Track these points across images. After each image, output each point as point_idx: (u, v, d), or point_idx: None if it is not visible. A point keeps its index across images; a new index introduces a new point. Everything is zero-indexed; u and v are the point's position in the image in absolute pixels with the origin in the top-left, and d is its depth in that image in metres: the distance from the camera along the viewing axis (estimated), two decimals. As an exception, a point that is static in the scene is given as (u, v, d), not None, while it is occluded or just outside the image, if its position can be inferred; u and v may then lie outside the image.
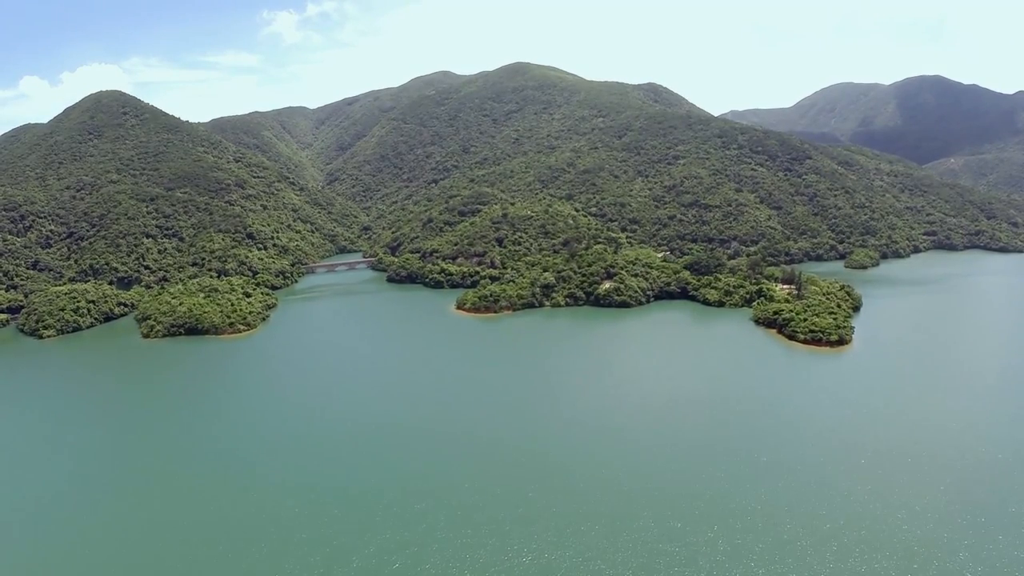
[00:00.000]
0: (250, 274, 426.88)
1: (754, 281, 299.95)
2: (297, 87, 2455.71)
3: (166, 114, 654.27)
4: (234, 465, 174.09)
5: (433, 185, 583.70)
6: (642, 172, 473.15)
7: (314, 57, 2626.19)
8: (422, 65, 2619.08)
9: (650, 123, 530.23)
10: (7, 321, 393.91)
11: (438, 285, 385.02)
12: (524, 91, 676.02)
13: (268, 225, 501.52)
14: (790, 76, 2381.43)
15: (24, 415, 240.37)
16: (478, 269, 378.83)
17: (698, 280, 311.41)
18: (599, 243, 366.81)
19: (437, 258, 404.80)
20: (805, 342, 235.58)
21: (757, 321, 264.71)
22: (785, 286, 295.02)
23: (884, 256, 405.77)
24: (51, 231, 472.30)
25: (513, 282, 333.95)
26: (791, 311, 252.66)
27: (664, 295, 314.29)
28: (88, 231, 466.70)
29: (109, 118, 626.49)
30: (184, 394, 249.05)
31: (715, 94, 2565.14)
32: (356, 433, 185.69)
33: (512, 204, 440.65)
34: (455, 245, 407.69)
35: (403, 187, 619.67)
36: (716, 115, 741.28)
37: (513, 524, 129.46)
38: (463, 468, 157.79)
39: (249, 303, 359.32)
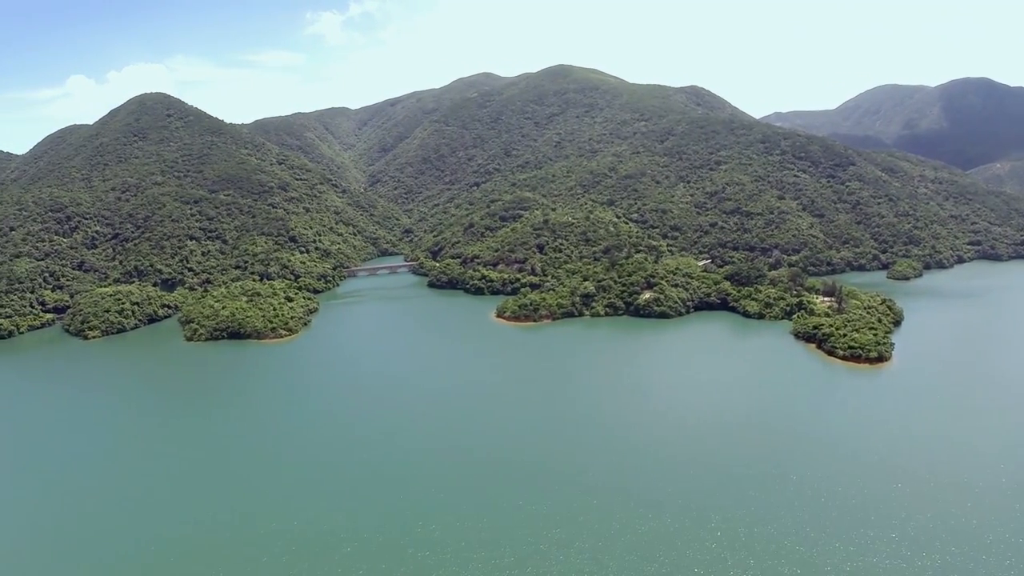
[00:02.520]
0: (292, 277, 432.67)
1: (794, 293, 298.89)
2: (339, 87, 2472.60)
3: (210, 116, 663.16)
4: (267, 474, 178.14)
5: (475, 188, 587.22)
6: (684, 178, 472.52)
7: (356, 57, 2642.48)
8: (464, 66, 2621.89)
9: (692, 127, 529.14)
10: (53, 321, 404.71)
11: (479, 291, 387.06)
12: (566, 94, 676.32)
13: (310, 228, 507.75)
14: (834, 77, 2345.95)
15: (65, 413, 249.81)
16: (519, 276, 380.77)
17: (738, 291, 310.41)
18: (640, 251, 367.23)
19: (478, 264, 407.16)
20: (844, 358, 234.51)
21: (796, 335, 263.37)
22: (826, 298, 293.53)
23: (927, 266, 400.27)
24: (97, 232, 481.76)
25: (553, 290, 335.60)
26: (831, 325, 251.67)
27: (704, 306, 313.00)
28: (133, 232, 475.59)
29: (154, 120, 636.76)
30: (224, 399, 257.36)
31: (758, 96, 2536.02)
32: (393, 447, 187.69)
33: (553, 210, 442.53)
34: (496, 251, 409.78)
35: (445, 189, 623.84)
36: (759, 117, 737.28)
37: (551, 545, 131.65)
38: (499, 485, 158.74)
39: (291, 307, 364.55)
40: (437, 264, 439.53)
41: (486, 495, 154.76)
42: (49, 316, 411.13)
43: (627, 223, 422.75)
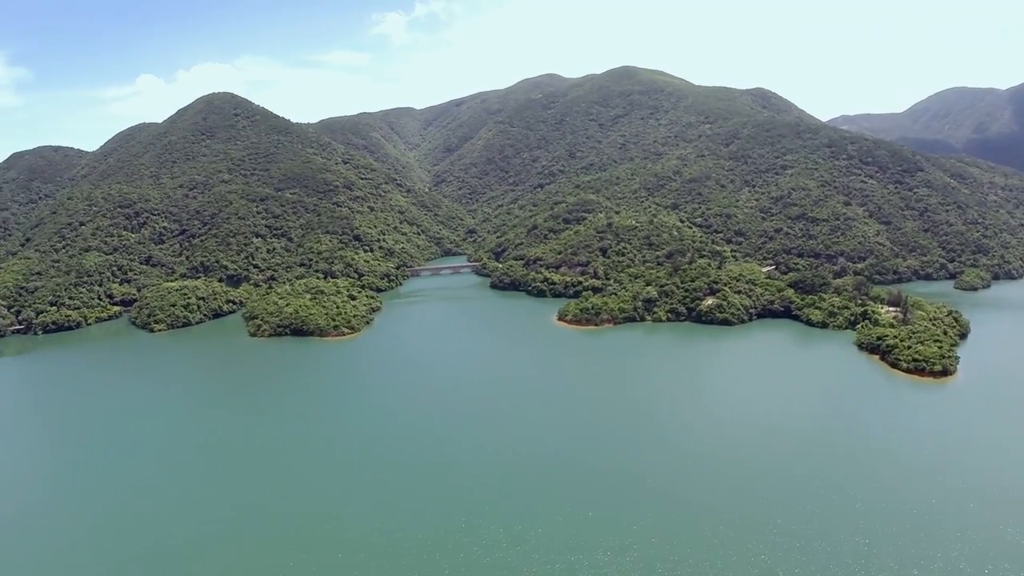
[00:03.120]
0: (356, 276, 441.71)
1: (859, 303, 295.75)
2: (404, 87, 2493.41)
3: (276, 115, 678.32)
4: (322, 470, 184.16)
5: (539, 190, 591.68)
6: (749, 182, 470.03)
7: (421, 57, 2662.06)
8: (529, 67, 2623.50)
9: (758, 131, 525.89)
10: (120, 313, 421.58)
11: (540, 294, 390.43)
12: (631, 95, 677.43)
13: (375, 227, 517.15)
14: (903, 79, 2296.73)
15: (129, 401, 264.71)
16: (581, 279, 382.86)
17: (802, 299, 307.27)
18: (703, 256, 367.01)
19: (540, 266, 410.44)
20: (908, 371, 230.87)
21: (860, 346, 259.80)
22: (891, 309, 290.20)
23: (996, 277, 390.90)
24: (164, 228, 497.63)
25: (615, 295, 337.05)
26: (895, 337, 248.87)
27: (767, 313, 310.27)
28: (200, 229, 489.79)
29: (221, 119, 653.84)
30: (284, 394, 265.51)
31: (825, 98, 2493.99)
32: (451, 447, 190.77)
33: (617, 213, 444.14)
34: (559, 254, 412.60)
35: (509, 190, 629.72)
36: (826, 120, 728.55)
37: (605, 553, 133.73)
38: (555, 489, 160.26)
39: (354, 306, 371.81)
40: (500, 265, 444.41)
41: (542, 499, 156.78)
42: (116, 309, 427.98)
43: (691, 227, 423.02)
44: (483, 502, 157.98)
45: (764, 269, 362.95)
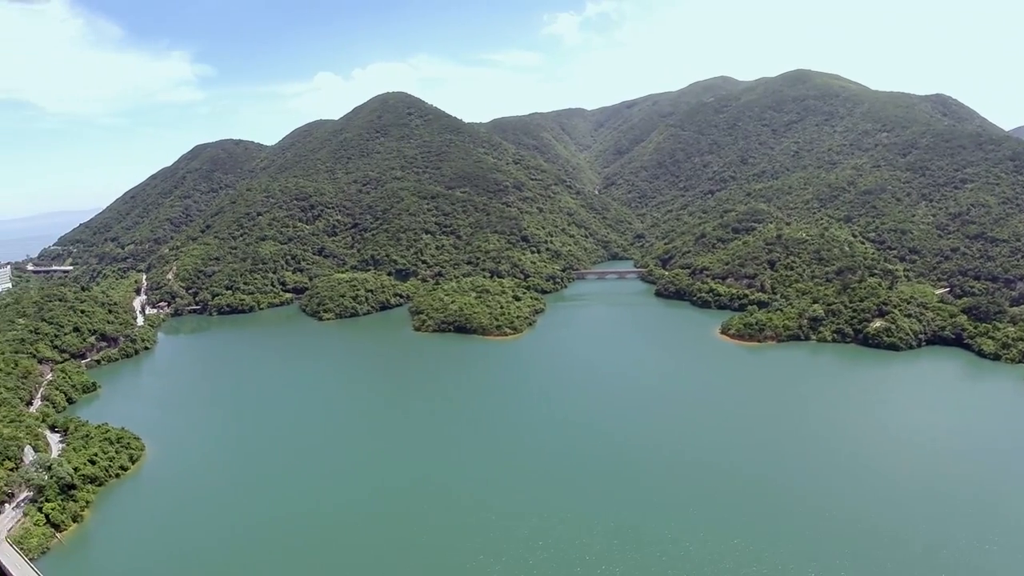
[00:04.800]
0: (522, 277, 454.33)
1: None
2: (575, 87, 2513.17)
3: (449, 115, 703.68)
4: (468, 465, 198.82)
5: (709, 196, 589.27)
6: (926, 196, 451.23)
7: (593, 57, 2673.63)
8: (701, 68, 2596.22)
9: (937, 140, 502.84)
10: (291, 300, 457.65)
11: (705, 305, 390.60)
12: (805, 100, 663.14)
13: (543, 228, 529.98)
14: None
15: (294, 381, 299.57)
16: (747, 292, 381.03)
17: (974, 327, 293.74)
18: (874, 275, 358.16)
19: (707, 276, 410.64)
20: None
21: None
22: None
23: None
24: (337, 221, 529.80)
25: (781, 311, 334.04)
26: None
27: (936, 340, 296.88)
28: (371, 223, 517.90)
29: (395, 118, 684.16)
30: (442, 387, 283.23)
31: (1010, 105, 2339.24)
32: (608, 456, 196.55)
33: (788, 224, 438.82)
34: (726, 264, 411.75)
35: (679, 196, 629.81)
36: (1009, 129, 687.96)
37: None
38: (716, 509, 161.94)
39: (517, 307, 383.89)
40: (666, 273, 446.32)
41: (698, 508, 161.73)
42: (288, 296, 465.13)
43: (863, 243, 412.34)
44: (638, 504, 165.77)
45: (937, 291, 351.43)
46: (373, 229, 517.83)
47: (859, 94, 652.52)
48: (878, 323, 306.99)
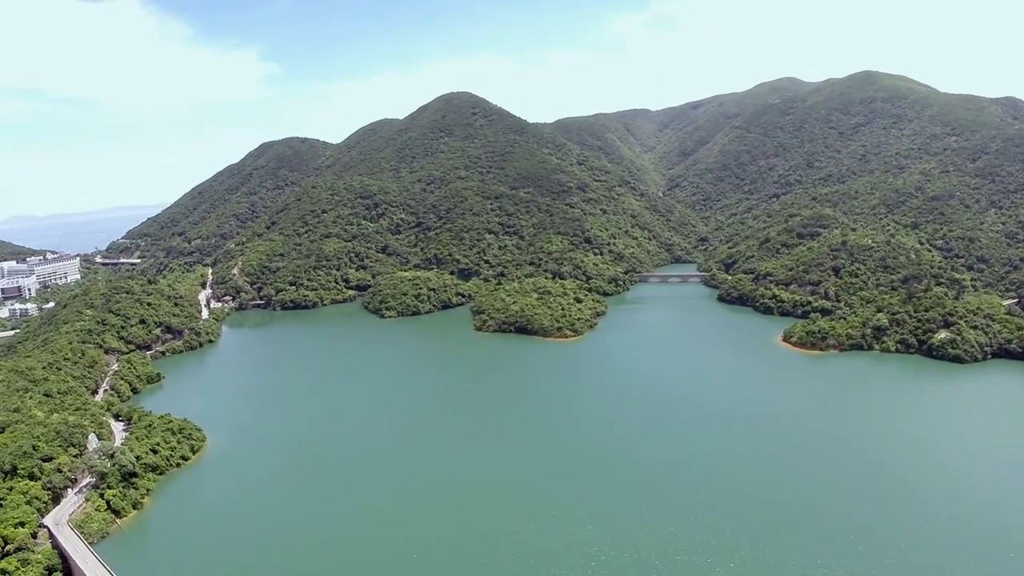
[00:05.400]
0: (584, 279, 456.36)
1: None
2: (640, 88, 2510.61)
3: (513, 115, 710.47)
4: (520, 467, 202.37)
5: (774, 200, 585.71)
6: (996, 203, 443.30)
7: (658, 57, 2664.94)
8: (767, 69, 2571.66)
9: (1007, 145, 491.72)
10: (354, 297, 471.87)
11: (767, 311, 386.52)
12: (872, 103, 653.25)
13: (606, 230, 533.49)
14: None
15: (355, 373, 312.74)
16: (810, 299, 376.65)
17: None
18: (940, 284, 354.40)
19: (770, 282, 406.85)
20: None
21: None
22: None
23: None
24: (401, 220, 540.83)
25: (844, 319, 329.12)
26: None
27: (1003, 353, 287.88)
28: (435, 222, 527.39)
29: (459, 117, 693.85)
30: (500, 387, 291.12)
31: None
32: (662, 465, 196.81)
33: (853, 230, 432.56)
34: (789, 270, 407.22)
35: (743, 199, 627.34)
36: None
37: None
38: (776, 531, 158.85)
39: (579, 309, 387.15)
40: (729, 278, 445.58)
41: (754, 532, 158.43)
42: (351, 292, 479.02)
43: (930, 250, 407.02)
44: (689, 513, 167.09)
45: (1005, 303, 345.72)
46: (436, 228, 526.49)
47: (927, 96, 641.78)
48: (943, 334, 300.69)
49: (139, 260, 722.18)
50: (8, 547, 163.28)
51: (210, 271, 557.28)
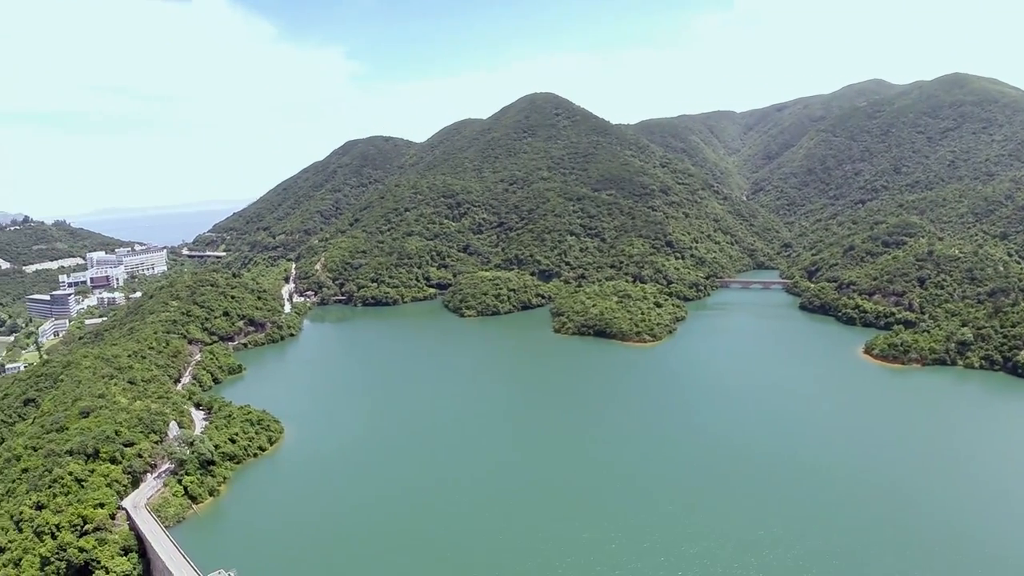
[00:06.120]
0: (664, 283, 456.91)
1: None
2: (724, 88, 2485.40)
3: (596, 116, 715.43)
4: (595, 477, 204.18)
5: (859, 206, 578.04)
6: None
7: (741, 57, 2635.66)
8: (854, 70, 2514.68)
9: None
10: (434, 295, 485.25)
11: (850, 321, 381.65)
12: (962, 106, 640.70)
13: (688, 234, 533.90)
14: None
15: (434, 376, 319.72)
16: (894, 310, 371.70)
17: None
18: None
19: (853, 291, 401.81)
20: None
21: None
22: None
23: None
24: (483, 219, 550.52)
25: (928, 332, 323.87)
26: None
27: None
28: (517, 223, 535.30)
29: (542, 118, 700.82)
30: (578, 391, 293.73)
31: None
32: (738, 472, 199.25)
33: (940, 239, 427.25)
34: (873, 279, 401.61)
35: (828, 204, 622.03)
36: None
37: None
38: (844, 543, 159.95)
39: (658, 313, 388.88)
40: (811, 285, 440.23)
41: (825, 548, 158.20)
42: (432, 291, 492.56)
43: (1019, 262, 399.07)
44: (762, 523, 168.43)
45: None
46: (518, 229, 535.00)
47: (1019, 100, 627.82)
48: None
49: (224, 253, 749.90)
50: (87, 526, 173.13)
51: (293, 266, 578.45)
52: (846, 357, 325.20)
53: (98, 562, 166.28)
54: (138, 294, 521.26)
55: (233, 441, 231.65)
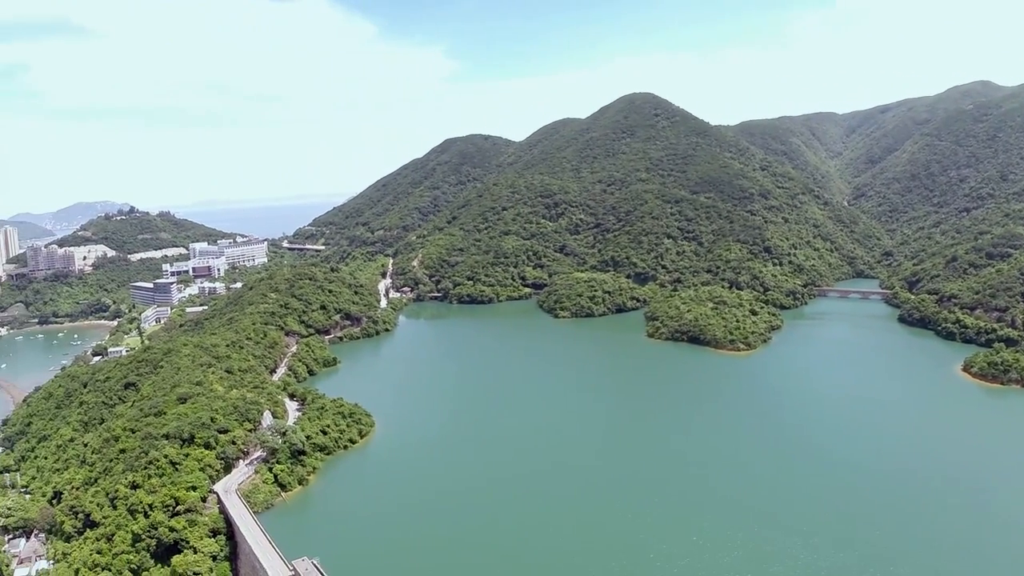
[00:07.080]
0: (761, 290, 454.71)
1: None
2: (825, 89, 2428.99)
3: (695, 117, 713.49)
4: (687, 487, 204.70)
5: (964, 215, 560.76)
6: None
7: (844, 57, 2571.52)
8: (961, 70, 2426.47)
9: None
10: (529, 295, 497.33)
11: (950, 336, 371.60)
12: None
13: (787, 240, 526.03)
14: None
15: (525, 376, 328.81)
16: (996, 326, 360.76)
17: None
18: None
19: (954, 305, 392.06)
20: None
21: None
22: None
23: None
24: (580, 220, 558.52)
25: None
26: None
27: None
28: (614, 224, 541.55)
29: (641, 119, 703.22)
30: (670, 399, 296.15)
31: None
32: (822, 488, 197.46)
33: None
34: (976, 293, 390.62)
35: (932, 212, 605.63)
36: None
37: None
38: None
39: (753, 321, 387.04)
40: (912, 297, 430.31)
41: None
42: (527, 290, 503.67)
43: None
44: (843, 542, 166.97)
45: None
46: (615, 230, 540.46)
47: None
48: None
49: (323, 247, 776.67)
50: (179, 507, 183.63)
51: (391, 261, 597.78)
52: (943, 374, 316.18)
53: (187, 542, 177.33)
54: (238, 285, 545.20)
55: (324, 432, 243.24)
